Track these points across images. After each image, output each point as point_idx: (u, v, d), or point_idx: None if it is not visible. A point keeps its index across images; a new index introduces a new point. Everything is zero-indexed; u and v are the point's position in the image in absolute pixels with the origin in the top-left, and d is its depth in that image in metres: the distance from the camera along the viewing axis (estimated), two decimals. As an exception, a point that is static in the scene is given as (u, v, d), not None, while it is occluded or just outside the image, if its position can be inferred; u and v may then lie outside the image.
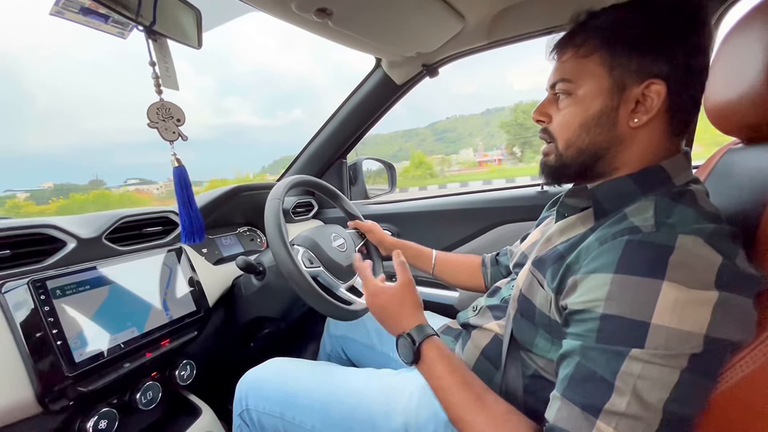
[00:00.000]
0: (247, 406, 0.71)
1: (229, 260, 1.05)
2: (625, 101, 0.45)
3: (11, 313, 0.57)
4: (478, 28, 0.95)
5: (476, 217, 1.18)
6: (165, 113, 0.66)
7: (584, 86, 0.47)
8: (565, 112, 0.49)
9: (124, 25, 0.68)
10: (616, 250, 0.39)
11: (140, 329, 0.71)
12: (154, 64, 0.66)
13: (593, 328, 0.38)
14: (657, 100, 0.44)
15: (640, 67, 0.44)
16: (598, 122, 0.47)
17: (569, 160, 0.50)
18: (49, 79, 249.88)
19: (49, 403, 0.59)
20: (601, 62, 0.46)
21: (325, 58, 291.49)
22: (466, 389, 0.49)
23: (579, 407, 0.38)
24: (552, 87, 0.51)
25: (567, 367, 0.40)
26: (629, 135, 0.46)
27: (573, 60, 0.48)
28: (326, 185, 1.00)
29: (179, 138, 0.67)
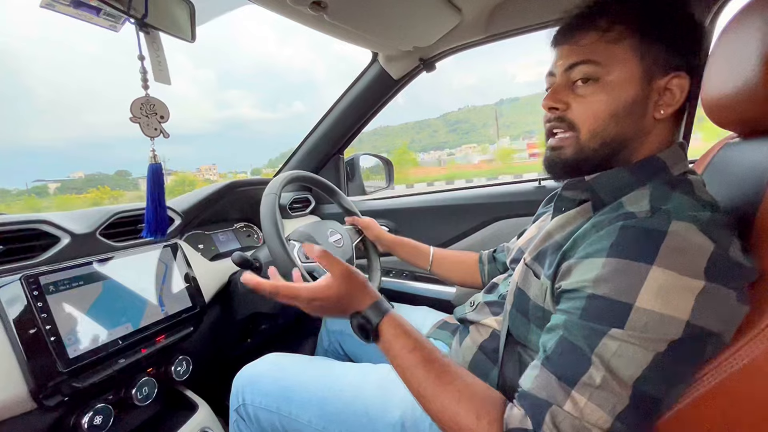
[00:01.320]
0: (244, 401, 0.71)
1: (225, 256, 1.05)
2: (652, 92, 0.45)
3: (4, 309, 0.57)
4: (475, 21, 0.94)
5: (474, 213, 1.17)
6: (149, 109, 0.65)
7: (614, 72, 0.45)
8: (593, 99, 0.46)
9: (116, 18, 0.67)
10: (610, 235, 0.40)
11: (135, 325, 0.71)
12: (143, 58, 0.65)
13: (579, 306, 0.39)
14: (680, 94, 0.44)
15: (666, 59, 0.44)
16: (630, 112, 0.45)
17: (591, 152, 0.47)
18: (49, 72, 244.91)
19: (44, 399, 0.59)
20: (632, 49, 0.44)
21: (326, 50, 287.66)
22: (426, 366, 0.46)
23: (555, 377, 0.39)
24: (568, 69, 0.47)
25: (550, 340, 0.41)
26: (653, 127, 0.46)
27: (599, 44, 0.45)
28: (323, 181, 0.99)
29: (160, 135, 0.66)
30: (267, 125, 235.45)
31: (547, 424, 0.37)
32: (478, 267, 0.87)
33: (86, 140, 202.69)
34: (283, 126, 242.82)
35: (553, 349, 0.40)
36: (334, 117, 1.27)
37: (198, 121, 22.83)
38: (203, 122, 68.24)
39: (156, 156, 0.68)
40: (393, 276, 1.27)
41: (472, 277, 0.87)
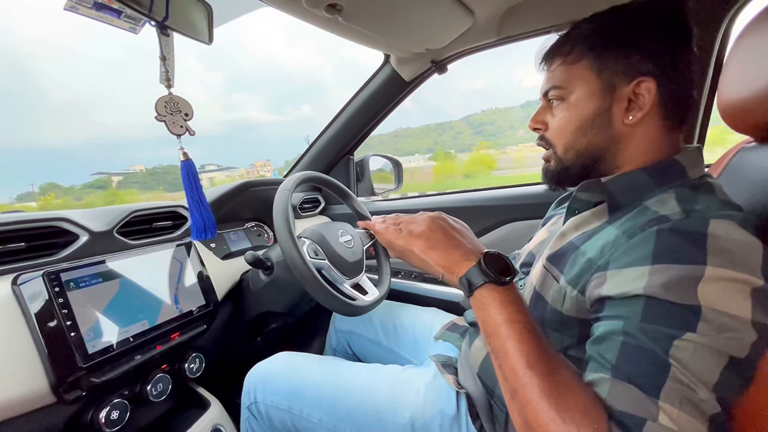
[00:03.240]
0: (255, 399, 0.72)
1: (236, 255, 1.06)
2: (617, 101, 0.47)
3: (27, 305, 0.58)
4: (488, 24, 0.94)
5: (483, 215, 1.17)
6: (173, 107, 0.66)
7: (576, 91, 0.49)
8: (560, 117, 0.51)
9: (136, 20, 0.68)
10: (648, 241, 0.39)
11: (151, 322, 0.72)
12: (164, 59, 0.66)
13: (638, 311, 0.37)
14: (648, 97, 0.46)
15: (627, 67, 0.46)
16: (593, 123, 0.49)
17: (569, 164, 0.52)
18: (62, 74, 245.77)
19: (63, 393, 0.60)
20: (589, 66, 0.48)
21: (334, 54, 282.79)
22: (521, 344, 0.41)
23: (637, 387, 0.35)
24: (545, 95, 0.53)
25: (607, 349, 0.38)
26: (626, 133, 0.48)
27: (562, 67, 0.51)
28: (336, 183, 1.00)
29: (186, 132, 0.67)
30: (274, 128, 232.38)
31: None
32: None
33: (95, 141, 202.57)
34: (289, 129, 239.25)
35: (617, 357, 0.37)
36: (345, 118, 1.27)
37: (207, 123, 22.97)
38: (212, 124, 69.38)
39: (186, 153, 0.68)
40: (402, 277, 1.27)
41: None
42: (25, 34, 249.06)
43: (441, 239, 0.53)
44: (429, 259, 0.52)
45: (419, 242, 0.54)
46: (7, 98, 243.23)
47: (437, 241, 0.52)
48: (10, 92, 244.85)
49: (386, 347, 0.90)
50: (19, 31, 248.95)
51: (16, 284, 0.59)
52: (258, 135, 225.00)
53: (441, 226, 0.55)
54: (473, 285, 0.46)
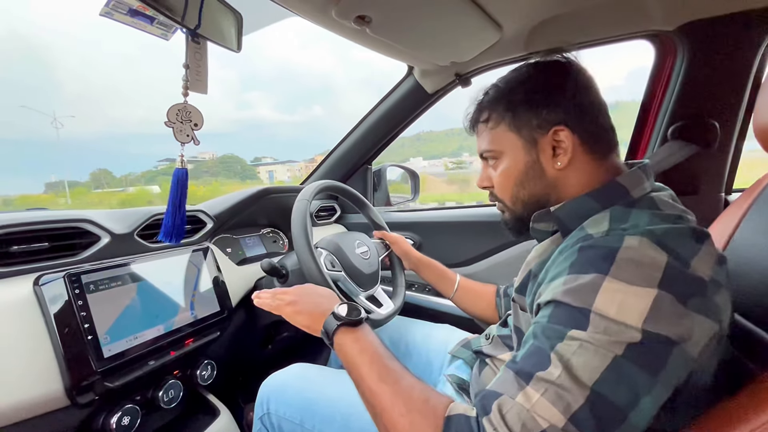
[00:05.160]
0: (268, 410, 0.71)
1: (251, 261, 1.06)
2: (542, 151, 0.51)
3: (47, 306, 0.58)
4: (515, 39, 0.93)
5: (500, 231, 1.15)
6: (185, 116, 0.66)
7: (504, 150, 0.54)
8: (499, 174, 0.56)
9: (167, 27, 0.69)
10: (571, 256, 0.42)
11: (166, 327, 0.72)
12: (188, 67, 0.67)
13: (546, 315, 0.41)
14: (568, 142, 0.49)
15: (540, 121, 0.51)
16: (528, 175, 0.53)
17: (520, 213, 0.56)
18: (78, 66, 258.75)
19: (77, 396, 0.59)
20: (509, 128, 0.53)
21: (346, 55, 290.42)
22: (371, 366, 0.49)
23: (514, 372, 0.40)
24: (481, 156, 0.59)
25: (522, 347, 0.43)
26: (561, 176, 0.52)
27: (487, 132, 0.56)
28: (355, 193, 1.00)
29: (192, 141, 0.67)
30: (285, 127, 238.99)
31: (493, 413, 0.38)
32: (496, 301, 0.85)
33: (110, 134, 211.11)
34: (300, 129, 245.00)
35: (521, 354, 0.42)
36: (365, 128, 1.27)
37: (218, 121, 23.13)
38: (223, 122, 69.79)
39: (184, 161, 0.69)
40: (415, 290, 1.25)
41: (492, 311, 0.85)
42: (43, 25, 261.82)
43: (305, 303, 0.62)
44: (296, 323, 0.61)
45: (288, 309, 0.62)
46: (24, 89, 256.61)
47: (302, 306, 0.62)
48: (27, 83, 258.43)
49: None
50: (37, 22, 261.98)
51: (38, 284, 0.59)
52: (268, 134, 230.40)
53: (306, 293, 0.64)
54: (329, 332, 0.54)
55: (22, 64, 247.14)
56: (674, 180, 0.84)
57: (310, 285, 0.67)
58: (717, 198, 0.91)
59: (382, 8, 0.73)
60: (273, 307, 0.65)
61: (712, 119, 0.85)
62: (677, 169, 0.85)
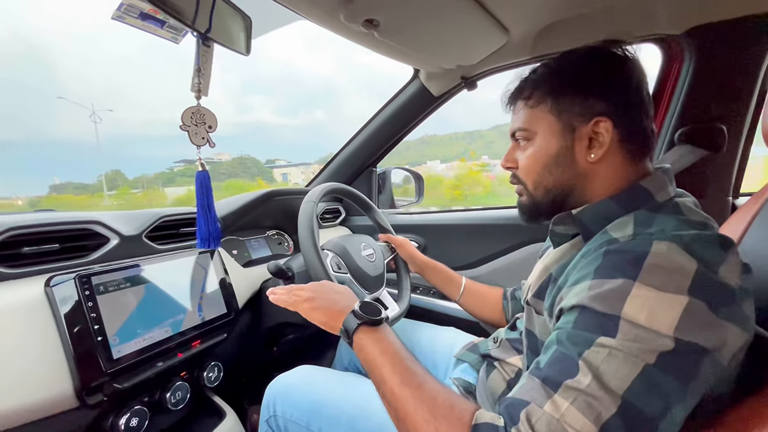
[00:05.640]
0: (275, 412, 0.71)
1: (257, 263, 1.06)
2: (578, 140, 0.50)
3: (58, 307, 0.59)
4: (521, 42, 0.93)
5: (506, 234, 1.15)
6: (199, 118, 0.67)
7: (539, 132, 0.52)
8: (527, 156, 0.54)
9: (178, 31, 0.70)
10: (596, 260, 0.42)
11: (174, 329, 0.72)
12: (199, 70, 0.67)
13: (570, 320, 0.40)
14: (607, 135, 0.48)
15: (583, 109, 0.49)
16: (558, 162, 0.51)
17: (540, 199, 0.54)
18: (80, 67, 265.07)
19: (86, 397, 0.60)
20: (549, 109, 0.51)
21: (349, 60, 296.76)
22: (394, 369, 0.48)
23: (540, 380, 0.39)
24: (512, 135, 0.57)
25: (546, 356, 0.41)
26: (591, 169, 0.50)
27: (525, 110, 0.54)
28: (360, 195, 1.00)
29: (207, 144, 0.67)
30: (287, 131, 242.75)
31: (522, 422, 0.37)
32: (503, 304, 0.85)
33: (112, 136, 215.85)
34: (301, 133, 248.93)
35: (546, 361, 0.40)
36: (371, 130, 1.27)
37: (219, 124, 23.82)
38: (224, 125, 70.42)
39: (204, 164, 0.69)
40: (420, 293, 1.25)
41: (498, 314, 0.85)
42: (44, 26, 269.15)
43: (322, 300, 0.61)
44: (313, 320, 0.60)
45: (305, 305, 0.61)
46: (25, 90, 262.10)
47: (319, 302, 0.60)
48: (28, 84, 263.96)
49: None
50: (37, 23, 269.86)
51: (49, 286, 0.60)
52: (270, 137, 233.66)
53: (323, 290, 0.63)
54: (350, 331, 0.54)
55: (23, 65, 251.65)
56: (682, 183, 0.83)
57: (326, 282, 0.66)
58: (725, 202, 0.91)
59: (391, 12, 0.73)
60: (289, 303, 0.63)
61: (720, 123, 0.85)
62: (685, 173, 0.85)
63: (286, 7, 0.73)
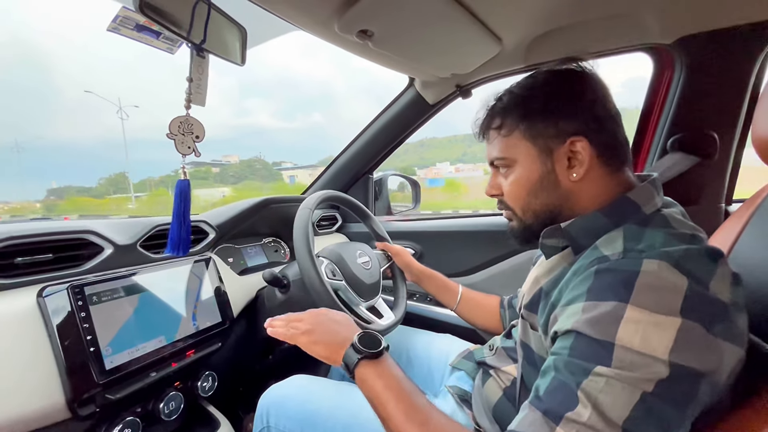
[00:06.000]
0: (268, 423, 0.70)
1: (253, 270, 1.06)
2: (557, 162, 0.50)
3: (50, 318, 0.59)
4: (515, 51, 0.94)
5: (502, 240, 1.15)
6: (186, 128, 0.67)
7: (517, 159, 0.52)
8: (510, 183, 0.54)
9: (173, 41, 0.70)
10: (587, 280, 0.41)
11: (168, 339, 0.72)
12: (191, 80, 0.68)
13: (567, 346, 0.40)
14: (585, 153, 0.48)
15: (557, 131, 0.49)
16: (542, 186, 0.51)
17: (530, 222, 0.54)
18: (77, 72, 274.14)
19: (78, 408, 0.59)
20: (523, 136, 0.51)
21: (346, 63, 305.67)
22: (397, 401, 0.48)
23: (541, 412, 0.38)
24: (491, 164, 0.57)
25: (542, 382, 0.41)
26: (575, 187, 0.50)
27: (499, 140, 0.54)
28: (357, 203, 1.00)
29: (192, 153, 0.68)
30: (284, 134, 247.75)
31: None
32: (500, 312, 0.85)
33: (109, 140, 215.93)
34: (301, 136, 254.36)
35: (541, 388, 0.41)
36: (367, 138, 1.28)
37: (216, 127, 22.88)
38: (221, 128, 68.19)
39: (186, 173, 0.69)
40: (416, 300, 1.25)
41: (495, 322, 0.85)
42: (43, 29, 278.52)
43: (322, 333, 0.60)
44: (313, 353, 0.59)
45: (303, 338, 0.60)
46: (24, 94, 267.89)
47: (319, 335, 0.59)
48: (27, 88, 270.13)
49: None
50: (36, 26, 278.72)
51: (41, 296, 0.60)
52: (267, 140, 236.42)
53: (321, 321, 0.62)
54: (350, 366, 0.54)
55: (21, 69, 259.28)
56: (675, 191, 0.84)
57: (324, 310, 0.65)
58: (717, 208, 0.91)
59: (384, 22, 0.74)
60: (288, 336, 0.62)
61: (711, 131, 0.85)
62: (677, 180, 0.86)
63: (281, 18, 0.74)
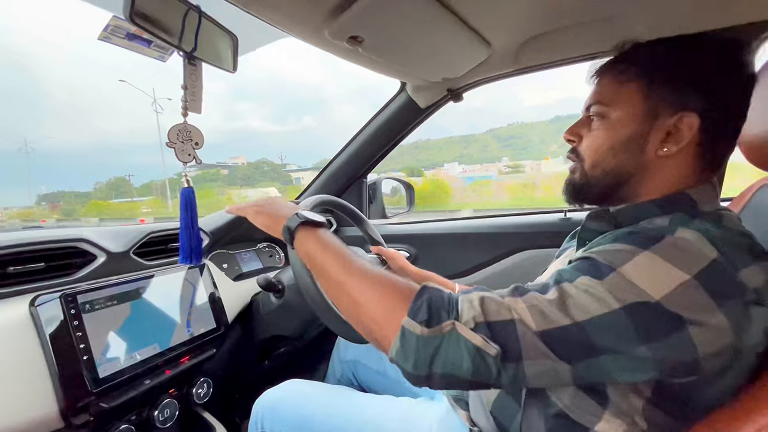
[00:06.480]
0: (263, 427, 0.70)
1: (248, 276, 1.06)
2: (656, 130, 0.46)
3: (43, 327, 0.59)
4: (505, 55, 0.95)
5: (496, 242, 1.16)
6: (185, 136, 0.67)
7: (618, 111, 0.48)
8: (596, 133, 0.50)
9: (164, 49, 0.71)
10: (617, 238, 0.42)
11: (162, 346, 0.72)
12: (185, 88, 0.68)
13: (574, 265, 0.41)
14: (688, 133, 0.45)
15: (675, 99, 0.45)
16: (626, 146, 0.48)
17: (594, 180, 0.51)
18: (65, 76, 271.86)
19: (72, 417, 0.59)
20: (638, 90, 0.47)
21: (337, 66, 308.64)
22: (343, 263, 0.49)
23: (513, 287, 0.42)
24: (587, 109, 0.52)
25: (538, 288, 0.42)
26: (656, 163, 0.47)
27: (611, 85, 0.50)
28: (351, 207, 1.00)
29: (193, 161, 0.68)
30: (276, 138, 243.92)
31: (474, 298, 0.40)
32: None
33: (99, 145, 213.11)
34: (293, 139, 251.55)
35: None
36: (360, 142, 1.29)
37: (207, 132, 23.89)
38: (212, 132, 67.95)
39: (189, 181, 0.70)
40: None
41: None
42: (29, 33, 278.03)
43: (269, 206, 0.64)
44: (257, 223, 0.63)
45: (251, 209, 0.65)
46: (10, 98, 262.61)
47: (265, 208, 0.64)
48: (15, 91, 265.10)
49: (393, 379, 0.88)
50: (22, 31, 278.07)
51: (34, 305, 0.59)
52: (259, 144, 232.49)
53: (273, 200, 0.66)
54: (291, 229, 0.56)
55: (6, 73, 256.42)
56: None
57: (280, 197, 0.70)
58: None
59: (374, 29, 0.74)
60: (239, 209, 0.68)
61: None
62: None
63: (273, 26, 0.75)
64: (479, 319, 0.38)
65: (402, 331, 0.40)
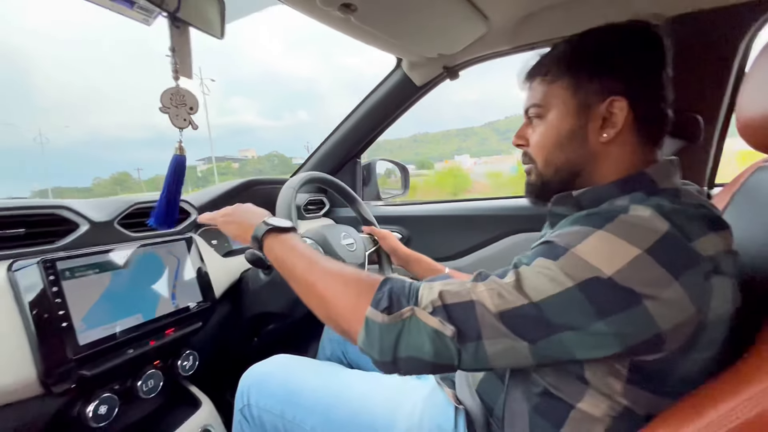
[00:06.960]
0: (249, 401, 0.70)
1: (237, 253, 1.05)
2: (592, 119, 0.49)
3: (20, 292, 0.57)
4: (502, 31, 0.93)
5: (489, 225, 1.15)
6: (179, 100, 0.65)
7: (553, 109, 0.51)
8: (539, 133, 0.53)
9: (149, 12, 0.68)
10: (576, 221, 0.43)
11: (146, 316, 0.71)
12: (173, 50, 0.65)
13: (534, 249, 0.44)
14: (621, 115, 0.47)
15: (600, 87, 0.48)
16: (570, 140, 0.50)
17: (549, 178, 0.54)
18: (54, 71, 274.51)
19: (51, 384, 0.58)
20: (566, 86, 0.50)
21: (332, 60, 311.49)
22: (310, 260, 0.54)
23: (475, 274, 0.44)
24: (526, 112, 0.56)
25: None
26: (602, 150, 0.50)
27: (541, 86, 0.53)
28: (344, 186, 0.99)
29: (189, 126, 0.66)
30: (270, 132, 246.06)
31: (436, 285, 0.43)
32: None
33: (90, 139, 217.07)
34: (287, 133, 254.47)
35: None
36: (354, 121, 1.27)
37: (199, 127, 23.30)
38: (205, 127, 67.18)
39: (182, 148, 0.67)
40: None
41: None
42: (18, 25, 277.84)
43: (238, 215, 0.67)
44: (227, 232, 0.67)
45: (221, 218, 0.69)
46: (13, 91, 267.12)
47: (234, 217, 0.67)
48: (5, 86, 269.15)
49: None
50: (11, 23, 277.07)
51: (11, 270, 0.58)
52: (254, 138, 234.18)
53: (242, 208, 0.69)
54: (259, 236, 0.59)
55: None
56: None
57: (249, 204, 0.71)
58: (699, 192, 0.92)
59: (367, -4, 0.72)
60: (209, 218, 0.71)
61: (695, 113, 0.85)
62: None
63: (261, -10, 0.72)
64: (437, 303, 0.41)
65: (366, 321, 0.43)
